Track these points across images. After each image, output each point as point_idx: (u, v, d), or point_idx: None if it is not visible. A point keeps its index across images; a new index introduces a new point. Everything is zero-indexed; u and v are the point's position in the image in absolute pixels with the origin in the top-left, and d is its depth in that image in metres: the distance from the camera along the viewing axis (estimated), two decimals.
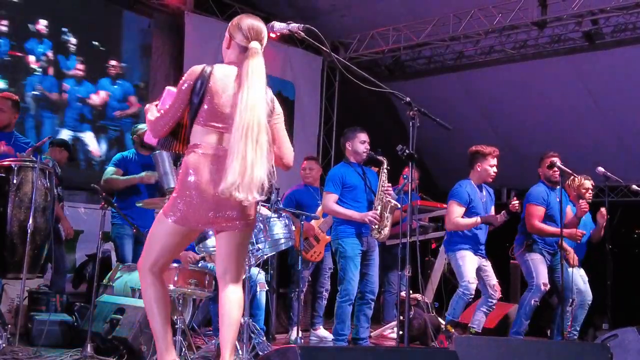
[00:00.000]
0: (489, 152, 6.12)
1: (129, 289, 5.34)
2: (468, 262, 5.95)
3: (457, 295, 5.96)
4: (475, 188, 6.14)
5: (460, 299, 5.91)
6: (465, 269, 5.93)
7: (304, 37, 3.57)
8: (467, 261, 5.96)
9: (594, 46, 9.06)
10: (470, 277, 5.88)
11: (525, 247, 6.26)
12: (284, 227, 5.03)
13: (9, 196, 4.80)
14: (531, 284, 6.16)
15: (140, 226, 5.40)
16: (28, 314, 5.57)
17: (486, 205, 6.14)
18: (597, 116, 9.65)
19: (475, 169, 6.15)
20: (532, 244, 6.23)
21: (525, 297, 6.18)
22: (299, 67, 10.20)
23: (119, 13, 8.62)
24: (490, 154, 6.11)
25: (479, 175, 6.14)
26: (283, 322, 7.01)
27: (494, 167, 6.12)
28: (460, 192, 6.07)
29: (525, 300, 6.16)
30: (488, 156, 6.11)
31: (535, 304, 6.11)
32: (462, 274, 5.94)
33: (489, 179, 6.15)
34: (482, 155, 6.13)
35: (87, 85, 8.24)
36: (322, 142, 10.74)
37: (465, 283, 5.89)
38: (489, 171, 6.10)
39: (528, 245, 6.24)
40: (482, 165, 6.11)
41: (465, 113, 10.57)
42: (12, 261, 4.89)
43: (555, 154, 6.31)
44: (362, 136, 5.90)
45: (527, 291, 6.19)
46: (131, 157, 6.30)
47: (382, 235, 5.66)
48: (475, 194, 6.09)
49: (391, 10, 9.54)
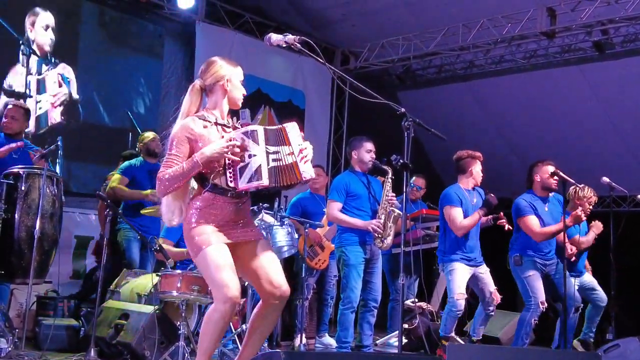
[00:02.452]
0: (478, 157, 6.15)
1: (135, 295, 5.43)
2: (457, 276, 5.87)
3: (445, 311, 5.91)
4: (464, 192, 6.08)
5: (448, 315, 5.86)
6: (454, 284, 5.85)
7: (300, 49, 3.64)
8: (456, 275, 5.87)
9: (604, 56, 9.06)
10: (457, 293, 5.80)
11: (514, 262, 6.15)
12: (286, 235, 5.10)
13: (17, 203, 4.90)
14: (529, 303, 6.00)
15: (147, 231, 5.49)
16: (36, 318, 5.68)
17: (477, 207, 6.04)
18: (607, 126, 9.63)
19: (471, 174, 6.12)
20: (522, 257, 6.08)
21: (525, 316, 6.03)
22: (309, 75, 10.26)
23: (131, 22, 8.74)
24: (478, 158, 6.15)
25: (468, 181, 6.12)
26: (288, 329, 7.06)
27: (481, 170, 6.14)
28: (450, 195, 6.01)
29: (525, 320, 6.02)
30: (478, 160, 6.14)
31: (535, 322, 6.03)
32: (451, 289, 5.88)
33: (478, 182, 6.14)
34: (472, 159, 6.13)
35: None
36: (331, 151, 10.80)
37: (452, 299, 5.83)
38: (479, 176, 6.13)
39: (516, 260, 6.12)
40: (474, 169, 6.11)
41: (475, 122, 10.60)
42: (19, 267, 4.98)
43: (550, 161, 6.26)
44: (368, 145, 5.95)
45: (526, 310, 6.02)
46: (139, 165, 6.41)
47: (384, 245, 5.70)
48: (465, 197, 6.03)
49: (401, 20, 9.59)
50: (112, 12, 8.47)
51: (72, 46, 8.09)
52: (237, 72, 3.72)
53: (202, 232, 3.52)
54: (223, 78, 3.66)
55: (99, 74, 8.30)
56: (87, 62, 8.19)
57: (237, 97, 3.72)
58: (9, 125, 5.77)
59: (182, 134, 3.55)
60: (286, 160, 3.52)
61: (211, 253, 3.47)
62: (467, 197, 6.06)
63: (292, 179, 3.52)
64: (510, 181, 10.47)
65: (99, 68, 8.30)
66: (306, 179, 3.56)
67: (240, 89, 3.73)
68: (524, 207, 6.12)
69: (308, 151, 3.57)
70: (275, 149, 3.52)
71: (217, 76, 3.67)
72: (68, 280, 7.37)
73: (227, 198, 3.57)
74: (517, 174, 10.20)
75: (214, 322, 3.50)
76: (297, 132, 3.59)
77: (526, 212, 6.09)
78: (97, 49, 8.30)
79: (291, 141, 3.55)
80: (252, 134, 3.49)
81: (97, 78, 8.28)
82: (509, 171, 10.22)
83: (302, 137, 3.61)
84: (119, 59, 8.50)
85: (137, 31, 8.78)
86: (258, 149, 3.47)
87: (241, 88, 3.74)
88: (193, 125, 3.57)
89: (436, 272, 7.98)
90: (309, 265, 6.47)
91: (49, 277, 5.67)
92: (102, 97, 8.30)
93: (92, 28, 8.26)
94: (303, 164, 3.54)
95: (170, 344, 4.88)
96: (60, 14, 7.90)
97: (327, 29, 10.24)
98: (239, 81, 3.73)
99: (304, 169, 3.53)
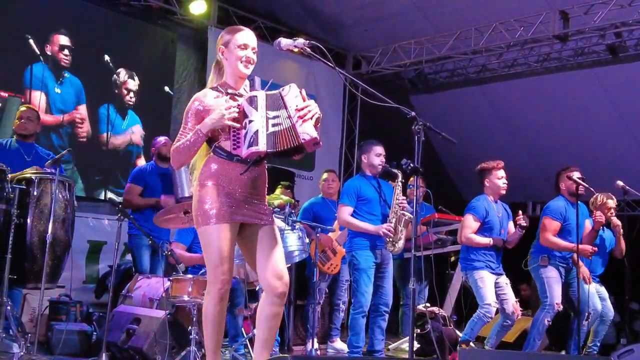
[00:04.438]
0: (493, 166, 6.09)
1: (147, 299, 5.45)
2: (488, 284, 5.85)
3: (477, 316, 5.85)
4: (491, 203, 6.09)
5: (480, 321, 5.82)
6: (486, 291, 5.82)
7: (310, 54, 3.63)
8: (486, 282, 5.86)
9: (618, 59, 9.00)
10: (492, 300, 5.78)
11: (541, 261, 6.18)
12: (297, 240, 5.09)
13: (30, 207, 4.92)
14: (545, 302, 6.04)
15: (156, 237, 5.50)
16: (48, 323, 5.71)
17: (502, 220, 6.08)
18: (621, 129, 9.56)
19: (485, 185, 6.13)
20: (549, 259, 6.15)
21: (539, 316, 6.06)
22: (321, 80, 10.26)
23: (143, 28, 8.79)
24: (495, 168, 6.09)
25: (491, 191, 6.11)
26: (300, 334, 7.05)
27: (503, 178, 6.08)
28: (478, 207, 6.04)
29: (538, 320, 6.04)
30: (493, 170, 6.09)
31: (549, 323, 6.01)
32: (483, 296, 5.82)
33: (502, 192, 6.09)
34: (487, 170, 6.11)
35: None
36: (344, 155, 10.79)
37: (487, 306, 5.78)
38: (498, 184, 6.06)
39: (544, 259, 6.16)
40: (491, 180, 6.08)
41: (488, 126, 10.56)
42: (32, 271, 4.99)
43: (576, 168, 6.27)
44: (378, 149, 5.94)
45: (541, 310, 6.07)
46: (150, 170, 6.45)
47: (396, 249, 5.69)
48: (492, 209, 6.06)
49: (413, 24, 9.58)
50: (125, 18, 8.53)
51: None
52: (236, 37, 3.65)
53: (215, 200, 3.49)
54: (219, 48, 3.68)
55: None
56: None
57: (234, 62, 3.63)
58: (25, 127, 5.84)
59: (193, 107, 3.59)
60: (285, 124, 3.42)
61: (216, 233, 3.47)
62: (494, 208, 6.08)
63: (291, 142, 3.40)
64: (524, 185, 10.45)
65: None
66: (306, 140, 3.39)
67: (236, 53, 3.61)
68: (555, 210, 6.23)
69: (309, 110, 3.44)
70: (275, 113, 3.44)
71: (218, 48, 3.70)
72: (81, 285, 7.40)
73: (234, 163, 3.53)
74: (531, 178, 10.19)
75: (204, 307, 3.56)
76: (294, 92, 3.50)
77: (552, 215, 6.20)
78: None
79: (287, 103, 3.44)
80: (252, 99, 3.43)
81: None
82: (522, 175, 10.15)
83: (302, 98, 3.50)
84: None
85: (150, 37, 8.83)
86: (256, 115, 3.40)
87: (237, 52, 3.61)
88: (203, 97, 3.61)
89: (449, 277, 7.96)
90: (320, 270, 6.46)
91: (61, 282, 5.67)
92: None
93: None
94: (301, 124, 3.40)
95: (182, 348, 4.90)
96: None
97: (339, 33, 10.25)
98: (237, 46, 3.62)
99: (302, 130, 3.39)
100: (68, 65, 7.91)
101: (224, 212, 3.49)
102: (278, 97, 3.48)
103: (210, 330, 3.55)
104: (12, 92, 7.46)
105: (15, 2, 7.53)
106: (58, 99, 7.83)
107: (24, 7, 7.56)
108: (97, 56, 8.20)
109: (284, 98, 3.47)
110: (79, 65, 8.00)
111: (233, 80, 3.68)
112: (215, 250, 3.48)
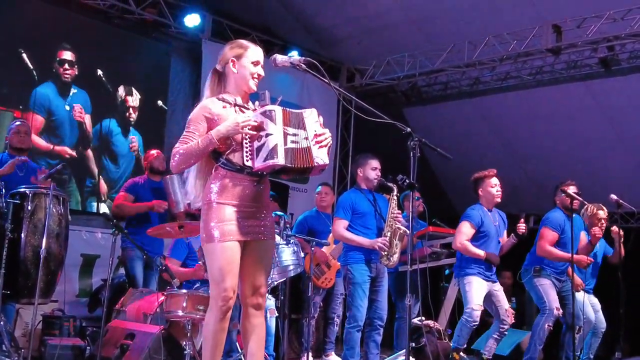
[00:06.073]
0: (486, 175, 6.12)
1: (141, 314, 5.41)
2: (475, 288, 5.89)
3: (460, 322, 5.91)
4: (486, 212, 6.11)
5: (464, 326, 5.85)
6: (472, 294, 5.87)
7: (305, 70, 3.64)
8: (474, 287, 5.90)
9: (610, 72, 9.05)
10: (475, 304, 5.81)
11: (534, 272, 6.20)
12: (292, 254, 5.08)
13: (24, 222, 4.90)
14: (544, 308, 6.11)
15: (149, 252, 5.48)
16: (42, 338, 5.67)
17: (498, 229, 6.12)
18: (613, 142, 9.60)
19: (480, 194, 6.15)
20: (541, 270, 6.18)
21: (539, 321, 6.12)
22: (315, 93, 10.26)
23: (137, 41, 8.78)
24: (487, 176, 6.11)
25: (485, 200, 6.13)
26: (295, 348, 7.03)
27: (496, 186, 6.10)
28: (473, 215, 6.05)
29: (538, 326, 6.09)
30: (485, 178, 6.12)
31: (549, 328, 6.05)
32: (468, 299, 5.89)
33: (496, 200, 6.11)
34: (480, 179, 6.15)
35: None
36: (338, 168, 10.79)
37: (469, 309, 5.83)
38: (492, 192, 6.08)
39: (537, 270, 6.18)
40: (484, 188, 6.11)
41: (482, 139, 10.58)
42: (26, 286, 4.97)
43: (572, 182, 6.30)
44: (373, 163, 5.95)
45: (541, 315, 6.14)
46: (142, 183, 6.44)
47: (391, 262, 5.68)
48: (487, 218, 6.07)
49: (407, 38, 9.61)
50: (120, 31, 8.53)
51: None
52: (249, 53, 3.68)
53: (221, 219, 3.51)
54: (229, 59, 3.67)
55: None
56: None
57: (246, 77, 3.66)
58: (23, 140, 5.88)
59: (200, 113, 3.58)
60: (302, 144, 3.50)
61: (220, 250, 3.49)
62: (490, 217, 6.09)
63: (306, 162, 3.49)
64: (518, 197, 10.46)
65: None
66: (319, 165, 3.51)
67: (249, 69, 3.66)
68: (554, 221, 6.27)
69: (325, 137, 3.55)
70: (294, 131, 3.51)
71: (225, 58, 3.69)
72: (74, 299, 7.35)
73: (244, 175, 3.55)
74: (524, 190, 10.21)
75: (205, 324, 3.56)
76: (314, 117, 3.59)
77: (551, 226, 6.24)
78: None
79: (307, 126, 3.53)
80: (270, 113, 3.48)
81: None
82: (515, 187, 10.18)
83: (320, 124, 3.60)
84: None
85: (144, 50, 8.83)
86: (275, 129, 3.45)
87: (250, 68, 3.67)
88: (211, 105, 3.60)
89: (443, 290, 7.96)
90: (315, 284, 6.45)
91: (54, 296, 5.64)
92: None
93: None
94: (317, 148, 3.51)
95: None
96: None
97: (333, 46, 10.27)
98: (251, 62, 3.67)
99: (317, 154, 3.51)
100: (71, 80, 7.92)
101: (229, 231, 3.51)
102: (300, 117, 3.55)
103: (210, 346, 3.54)
104: (3, 106, 7.43)
105: (10, 17, 7.51)
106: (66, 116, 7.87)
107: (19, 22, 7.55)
108: (91, 70, 8.19)
109: (305, 119, 3.55)
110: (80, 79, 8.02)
111: (237, 93, 3.69)
112: (219, 267, 3.49)
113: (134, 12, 8.36)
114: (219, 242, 3.49)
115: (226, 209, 3.52)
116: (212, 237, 3.50)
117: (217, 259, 3.49)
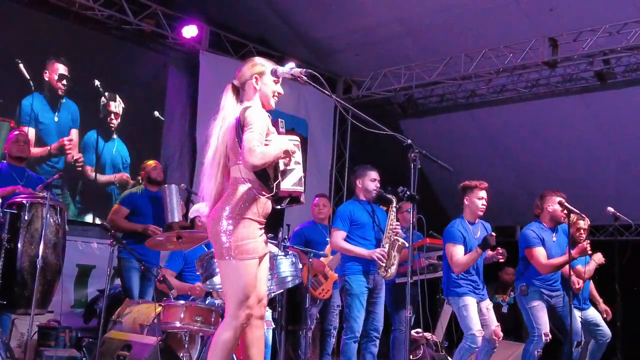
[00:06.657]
0: (476, 185, 5.93)
1: (137, 325, 5.38)
2: (472, 311, 5.70)
3: (462, 347, 5.69)
4: (467, 225, 5.95)
5: (466, 352, 5.66)
6: (470, 319, 5.67)
7: (306, 82, 3.64)
8: (470, 310, 5.70)
9: (606, 85, 9.10)
10: (477, 329, 5.62)
11: (520, 292, 6.07)
12: (290, 265, 5.05)
13: (20, 232, 4.89)
14: (533, 334, 5.90)
15: (146, 262, 5.46)
16: (37, 348, 5.62)
17: (480, 241, 5.97)
18: (609, 155, 9.65)
19: (465, 203, 5.98)
20: (528, 287, 5.99)
21: (528, 348, 5.92)
22: (312, 104, 10.28)
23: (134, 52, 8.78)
24: (477, 187, 5.92)
25: (469, 210, 5.96)
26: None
27: (483, 200, 5.89)
28: (452, 232, 5.87)
29: (528, 352, 5.92)
30: (475, 189, 5.91)
31: (539, 354, 5.93)
32: (468, 325, 5.67)
33: (479, 212, 5.92)
34: (470, 188, 5.94)
35: None
36: (334, 179, 10.80)
37: (471, 335, 5.62)
38: (477, 204, 5.88)
39: (522, 289, 6.04)
40: (471, 198, 5.91)
41: (478, 151, 10.62)
42: (22, 297, 4.96)
43: (561, 192, 6.21)
44: (372, 174, 5.94)
45: (529, 342, 5.92)
46: (140, 194, 6.43)
47: (388, 274, 5.67)
48: (468, 231, 5.90)
49: (403, 50, 9.66)
50: (117, 42, 8.53)
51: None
52: (271, 71, 3.71)
53: (251, 237, 3.50)
54: (252, 76, 3.68)
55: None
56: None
57: (268, 95, 3.70)
58: (23, 149, 5.89)
59: (264, 120, 3.58)
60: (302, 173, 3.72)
61: (248, 269, 3.48)
62: (471, 230, 5.92)
63: (300, 189, 3.72)
64: (513, 210, 10.49)
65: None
66: (301, 192, 3.74)
67: (270, 87, 3.70)
68: (532, 238, 6.03)
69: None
70: (300, 160, 3.71)
71: (246, 75, 3.70)
72: (69, 310, 7.31)
73: (265, 193, 3.58)
74: (519, 203, 10.22)
75: (223, 342, 3.47)
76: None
77: (534, 244, 5.98)
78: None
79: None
80: (298, 144, 3.65)
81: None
82: (511, 200, 10.23)
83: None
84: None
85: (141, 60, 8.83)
86: (300, 158, 3.65)
87: (272, 86, 3.71)
88: (265, 116, 3.64)
89: (440, 302, 7.93)
90: (312, 295, 6.43)
91: (50, 306, 5.62)
92: None
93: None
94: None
95: None
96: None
97: (330, 58, 10.31)
98: (272, 80, 3.70)
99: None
100: (63, 93, 7.89)
101: (257, 248, 3.53)
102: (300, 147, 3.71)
103: (219, 357, 3.48)
104: (0, 116, 7.41)
105: (6, 27, 7.51)
106: (54, 128, 7.80)
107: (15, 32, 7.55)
108: (88, 81, 8.18)
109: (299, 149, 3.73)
110: (73, 90, 7.99)
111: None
112: (245, 285, 3.47)
113: (132, 23, 8.38)
114: (248, 260, 3.48)
115: (255, 225, 3.54)
116: (242, 253, 3.47)
117: (243, 277, 3.47)
